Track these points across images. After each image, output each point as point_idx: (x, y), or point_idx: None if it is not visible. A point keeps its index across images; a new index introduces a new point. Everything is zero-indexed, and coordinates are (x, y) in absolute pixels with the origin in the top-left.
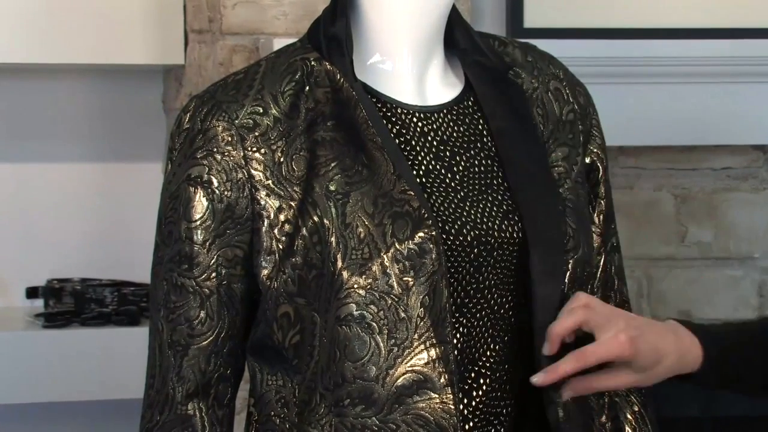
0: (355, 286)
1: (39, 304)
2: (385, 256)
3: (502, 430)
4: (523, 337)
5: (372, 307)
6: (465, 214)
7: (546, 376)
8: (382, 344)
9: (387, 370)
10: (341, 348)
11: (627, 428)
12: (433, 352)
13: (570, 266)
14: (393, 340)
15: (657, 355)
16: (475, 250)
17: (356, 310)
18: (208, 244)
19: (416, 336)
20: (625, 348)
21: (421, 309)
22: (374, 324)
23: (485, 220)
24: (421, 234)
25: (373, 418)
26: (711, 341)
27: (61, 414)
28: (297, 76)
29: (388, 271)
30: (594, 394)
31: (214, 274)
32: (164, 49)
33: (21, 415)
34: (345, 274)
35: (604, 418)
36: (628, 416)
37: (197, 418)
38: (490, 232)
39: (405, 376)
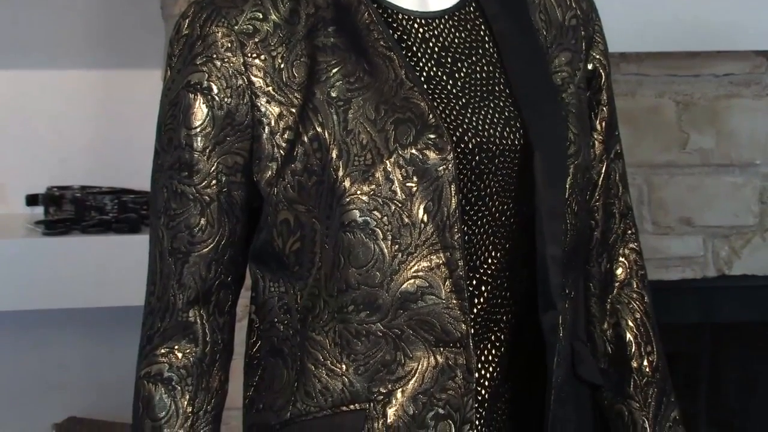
0: (358, 192)
1: (39, 211)
2: (387, 162)
3: (501, 336)
4: (524, 245)
5: (375, 213)
6: (467, 121)
7: None
8: (386, 250)
9: (391, 276)
10: (345, 254)
11: (628, 335)
12: (437, 258)
13: (571, 172)
14: (397, 246)
15: None
16: (477, 158)
17: (360, 217)
18: (208, 151)
19: (420, 242)
20: None
21: (425, 215)
22: (378, 230)
23: (487, 127)
24: (426, 139)
25: (378, 323)
26: None
27: (61, 321)
28: None
29: (391, 176)
30: (596, 301)
31: (214, 182)
32: None
33: (21, 321)
34: (347, 181)
35: (605, 325)
36: (630, 323)
37: (198, 325)
38: (492, 139)
39: (409, 281)
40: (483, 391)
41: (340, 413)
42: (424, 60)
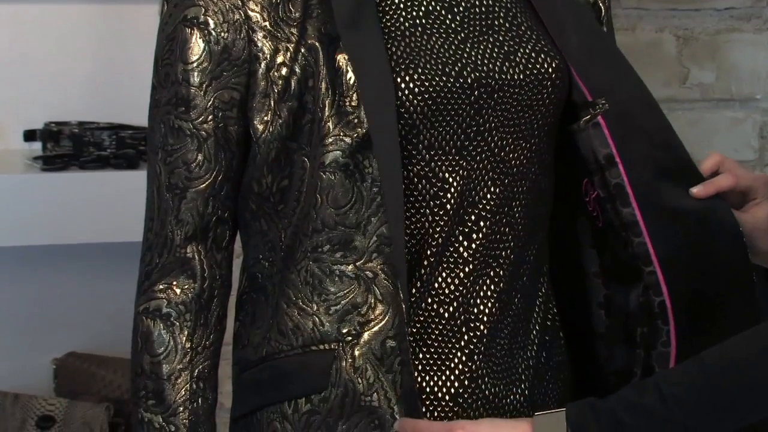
0: (341, 134)
1: (37, 147)
2: None
3: (501, 272)
4: (524, 180)
5: (357, 155)
6: (465, 55)
7: (704, 188)
8: (365, 192)
9: (369, 218)
10: (324, 194)
11: None
12: None
13: None
14: (376, 188)
15: None
16: (476, 92)
17: (342, 158)
18: (204, 86)
19: None
20: None
21: None
22: (357, 172)
23: (486, 61)
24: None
25: (351, 265)
26: None
27: (59, 256)
28: None
29: None
30: None
31: (210, 117)
32: None
33: (20, 257)
34: (332, 120)
35: None
36: None
37: (196, 261)
38: (491, 74)
39: (386, 224)
40: (482, 327)
41: (310, 352)
42: None
